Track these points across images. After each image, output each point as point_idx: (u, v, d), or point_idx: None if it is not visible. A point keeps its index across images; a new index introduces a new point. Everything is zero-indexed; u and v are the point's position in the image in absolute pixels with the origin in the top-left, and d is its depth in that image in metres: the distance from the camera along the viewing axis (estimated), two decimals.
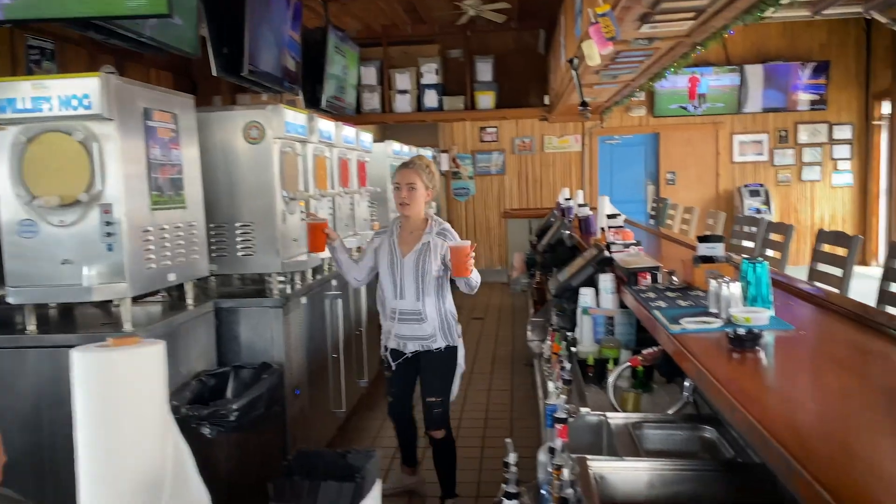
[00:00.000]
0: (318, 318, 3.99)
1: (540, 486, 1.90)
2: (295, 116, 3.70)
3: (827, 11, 8.74)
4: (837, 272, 3.51)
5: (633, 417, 2.27)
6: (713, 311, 2.31)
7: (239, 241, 3.54)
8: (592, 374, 2.80)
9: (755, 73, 10.16)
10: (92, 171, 2.63)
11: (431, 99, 10.02)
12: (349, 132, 4.85)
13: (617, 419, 2.25)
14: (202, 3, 4.24)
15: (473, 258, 3.07)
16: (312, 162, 4.02)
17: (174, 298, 3.38)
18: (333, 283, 4.27)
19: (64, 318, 3.07)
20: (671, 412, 2.34)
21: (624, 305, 3.03)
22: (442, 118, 10.35)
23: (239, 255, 3.54)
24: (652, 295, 2.73)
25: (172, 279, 3.03)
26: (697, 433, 2.20)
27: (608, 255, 3.32)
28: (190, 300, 3.22)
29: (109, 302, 2.94)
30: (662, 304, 2.56)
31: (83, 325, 2.97)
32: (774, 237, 4.57)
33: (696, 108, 10.33)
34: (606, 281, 3.13)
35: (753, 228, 4.86)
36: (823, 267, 3.68)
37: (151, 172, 2.88)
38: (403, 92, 10.04)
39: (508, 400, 5.00)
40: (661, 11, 3.79)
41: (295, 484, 2.32)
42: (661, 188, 10.55)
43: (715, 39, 4.64)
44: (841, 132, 10.22)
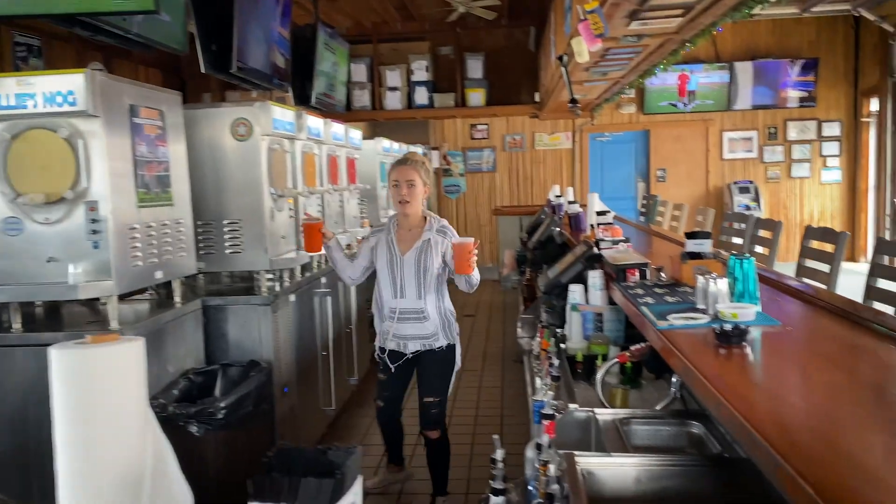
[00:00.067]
0: (307, 315, 3.98)
1: (527, 482, 1.90)
2: (283, 113, 3.68)
3: (816, 9, 8.80)
4: (825, 268, 3.52)
5: (620, 413, 2.28)
6: (700, 307, 2.32)
7: (227, 238, 3.52)
8: (581, 370, 2.81)
9: (745, 70, 10.20)
10: (77, 168, 2.62)
11: (422, 96, 9.99)
12: (338, 129, 4.83)
13: (605, 415, 2.26)
14: None
15: (476, 255, 3.06)
16: (301, 159, 4.00)
17: (162, 296, 3.37)
18: (323, 280, 4.25)
19: (50, 316, 3.05)
20: (659, 408, 2.34)
21: (613, 302, 3.03)
22: (432, 115, 10.33)
23: (227, 252, 3.53)
24: (640, 291, 2.73)
25: (160, 277, 3.01)
26: (685, 429, 2.20)
27: (597, 251, 3.33)
28: (177, 298, 3.21)
29: (96, 300, 2.93)
30: (650, 300, 2.56)
31: (69, 323, 2.95)
32: (763, 234, 4.59)
33: (686, 105, 10.36)
34: (595, 277, 3.13)
35: (742, 225, 4.88)
36: (811, 263, 3.70)
37: (138, 169, 2.86)
38: (394, 89, 10.01)
39: (499, 397, 5.01)
40: (649, 8, 3.80)
41: (274, 481, 2.30)
42: (651, 185, 10.58)
43: (704, 36, 4.66)
44: (830, 129, 10.27)
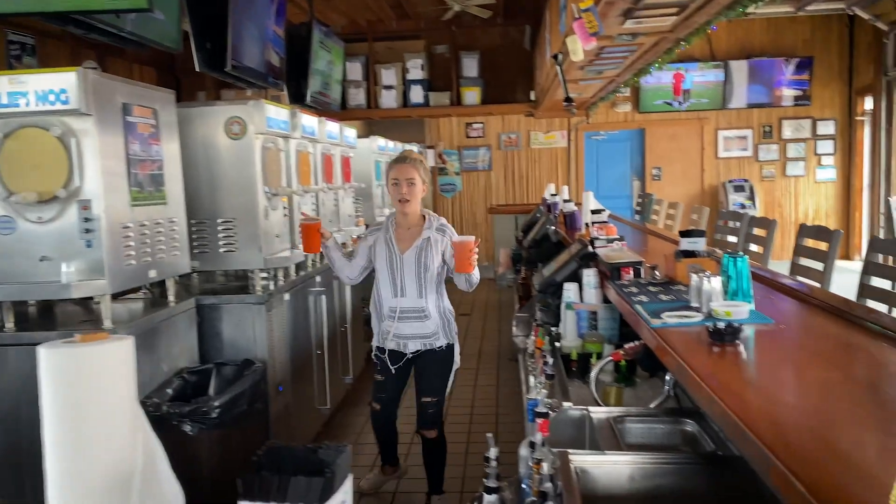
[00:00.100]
0: (301, 314, 3.98)
1: (521, 480, 1.90)
2: (277, 112, 3.67)
3: (810, 7, 8.83)
4: (819, 266, 3.53)
5: (615, 411, 2.28)
6: (694, 305, 2.32)
7: (221, 237, 3.51)
8: (576, 368, 2.81)
9: (740, 68, 10.21)
10: (70, 166, 2.61)
11: (417, 94, 9.98)
12: (333, 127, 4.83)
13: (599, 413, 2.26)
14: None
15: (477, 254, 3.04)
16: (295, 157, 3.99)
17: (156, 295, 3.36)
18: (317, 279, 4.25)
19: (43, 315, 3.03)
20: (653, 406, 2.35)
21: (607, 300, 3.04)
22: (428, 114, 10.33)
23: (221, 251, 3.52)
24: (634, 290, 2.74)
25: (153, 276, 3.01)
26: (678, 427, 2.21)
27: (592, 250, 3.33)
28: (171, 297, 3.20)
29: (90, 299, 2.92)
30: (644, 298, 2.57)
31: (63, 322, 2.93)
32: (757, 232, 4.60)
33: (680, 103, 10.36)
34: (590, 276, 3.13)
35: (737, 223, 4.89)
36: (805, 261, 3.71)
37: (131, 168, 2.85)
38: (389, 87, 10.01)
39: (494, 395, 5.01)
40: (644, 7, 3.80)
41: (264, 479, 2.28)
42: (646, 184, 10.59)
43: (699, 35, 4.67)
44: (824, 128, 10.29)
